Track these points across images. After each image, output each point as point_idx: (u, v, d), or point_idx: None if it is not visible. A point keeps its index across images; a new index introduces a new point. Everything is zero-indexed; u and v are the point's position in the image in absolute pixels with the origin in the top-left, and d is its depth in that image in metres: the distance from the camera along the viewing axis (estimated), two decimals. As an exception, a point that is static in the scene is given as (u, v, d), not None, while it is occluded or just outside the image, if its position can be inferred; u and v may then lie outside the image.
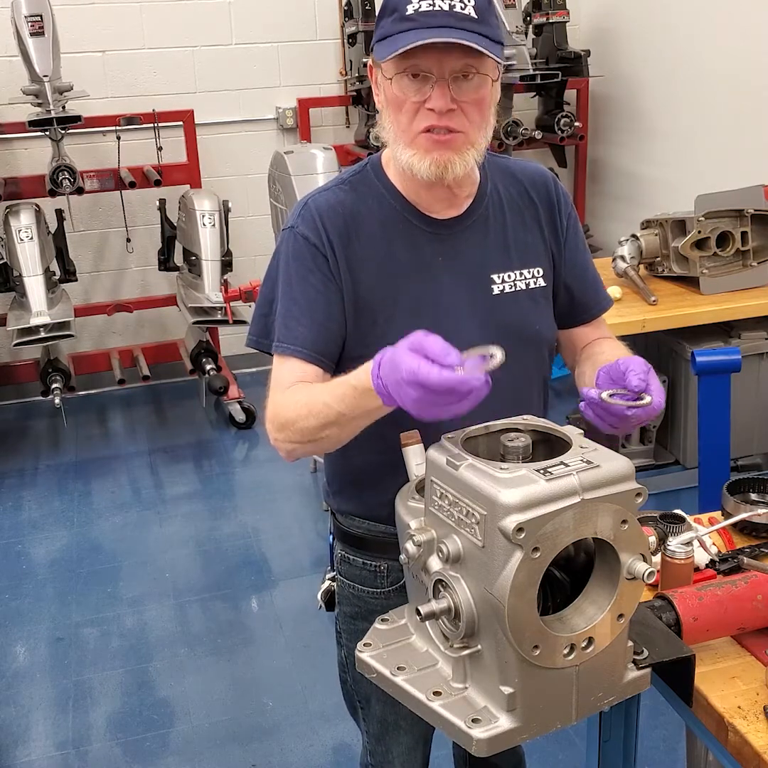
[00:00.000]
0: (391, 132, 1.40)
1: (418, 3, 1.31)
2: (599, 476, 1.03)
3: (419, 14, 1.31)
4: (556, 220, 1.55)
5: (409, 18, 1.31)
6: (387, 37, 1.34)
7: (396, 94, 1.35)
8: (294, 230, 1.48)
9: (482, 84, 1.35)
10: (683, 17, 4.40)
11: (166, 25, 4.70)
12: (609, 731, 1.60)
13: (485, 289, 1.48)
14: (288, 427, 1.45)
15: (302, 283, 1.46)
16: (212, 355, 4.50)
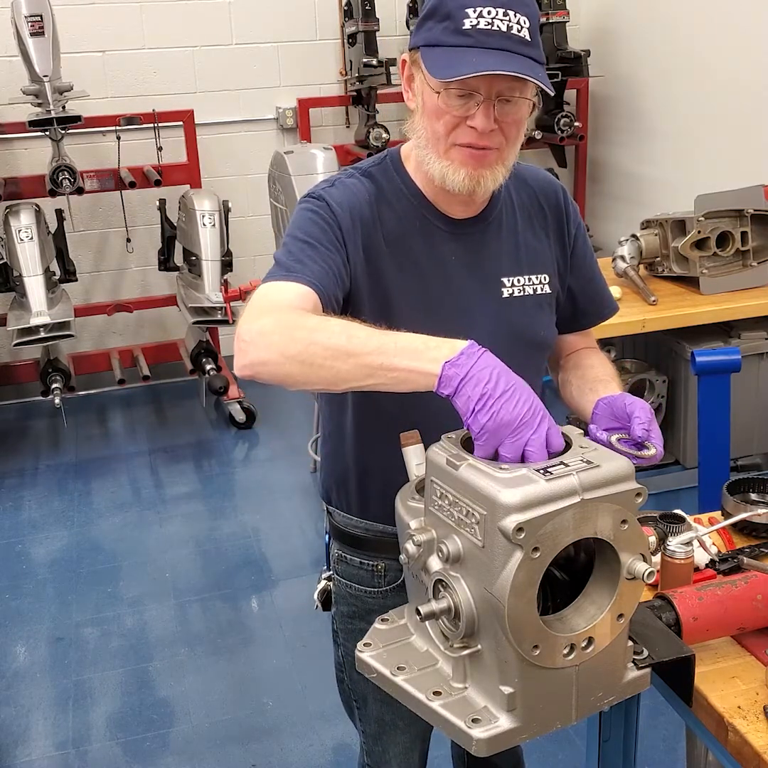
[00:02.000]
0: (423, 138, 1.39)
1: (476, 18, 1.28)
2: (599, 476, 1.03)
3: (477, 31, 1.28)
4: (564, 228, 1.57)
5: (466, 33, 1.28)
6: (438, 45, 1.31)
7: (439, 105, 1.34)
8: (313, 195, 1.43)
9: (523, 106, 1.36)
10: (683, 17, 4.41)
11: (166, 25, 4.70)
12: (609, 731, 1.60)
13: (496, 291, 1.49)
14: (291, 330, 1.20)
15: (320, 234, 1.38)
16: (212, 355, 4.50)
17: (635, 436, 1.34)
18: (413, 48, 1.37)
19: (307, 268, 1.33)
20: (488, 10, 1.27)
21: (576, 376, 1.60)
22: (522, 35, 1.29)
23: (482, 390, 1.08)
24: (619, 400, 1.40)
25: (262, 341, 1.20)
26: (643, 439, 1.33)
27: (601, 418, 1.41)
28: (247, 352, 1.21)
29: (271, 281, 1.32)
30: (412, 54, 1.38)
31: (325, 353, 1.17)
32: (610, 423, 1.40)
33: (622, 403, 1.38)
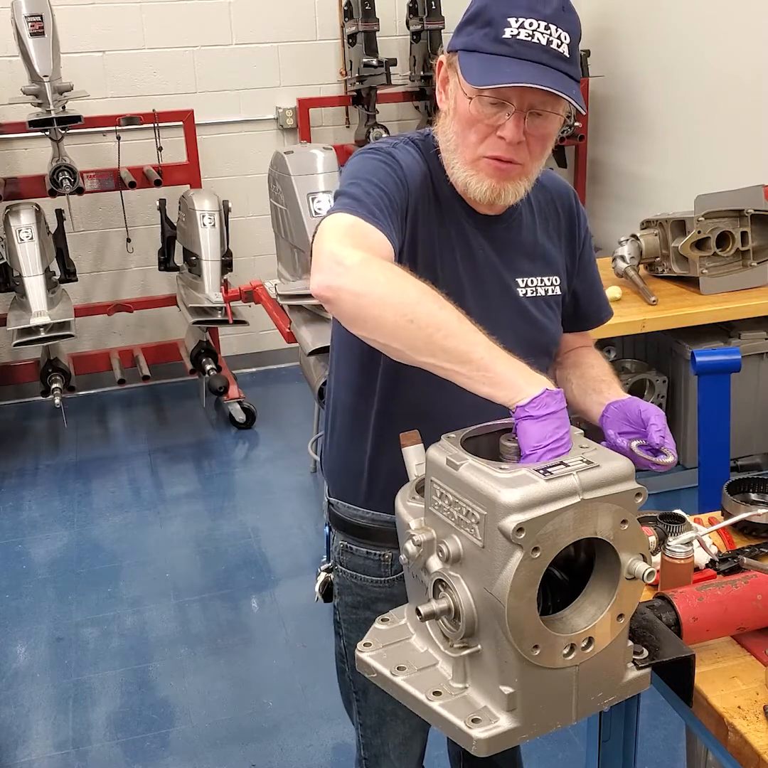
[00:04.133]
0: (452, 142, 1.40)
1: (517, 29, 1.28)
2: (599, 476, 1.03)
3: (516, 41, 1.28)
4: (575, 233, 1.61)
5: (505, 42, 1.29)
6: (476, 51, 1.32)
7: (471, 113, 1.34)
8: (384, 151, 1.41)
9: (554, 121, 1.37)
10: (683, 17, 4.41)
11: (166, 25, 4.70)
12: (609, 731, 1.60)
13: (513, 290, 1.51)
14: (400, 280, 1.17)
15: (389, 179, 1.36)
16: (212, 355, 4.50)
17: (652, 442, 1.39)
18: (451, 51, 1.38)
19: (386, 219, 1.30)
20: (530, 22, 1.28)
21: (576, 375, 1.63)
22: (561, 50, 1.30)
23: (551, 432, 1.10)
24: (633, 406, 1.44)
25: (365, 273, 1.16)
26: (660, 445, 1.38)
27: (612, 421, 1.46)
28: (339, 275, 1.16)
29: (352, 214, 1.26)
30: (450, 57, 1.39)
31: (430, 320, 1.14)
32: (623, 427, 1.44)
33: (637, 409, 1.43)
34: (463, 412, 1.20)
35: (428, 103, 4.91)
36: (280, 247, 3.61)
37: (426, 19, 4.72)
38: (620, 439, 1.42)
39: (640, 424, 1.42)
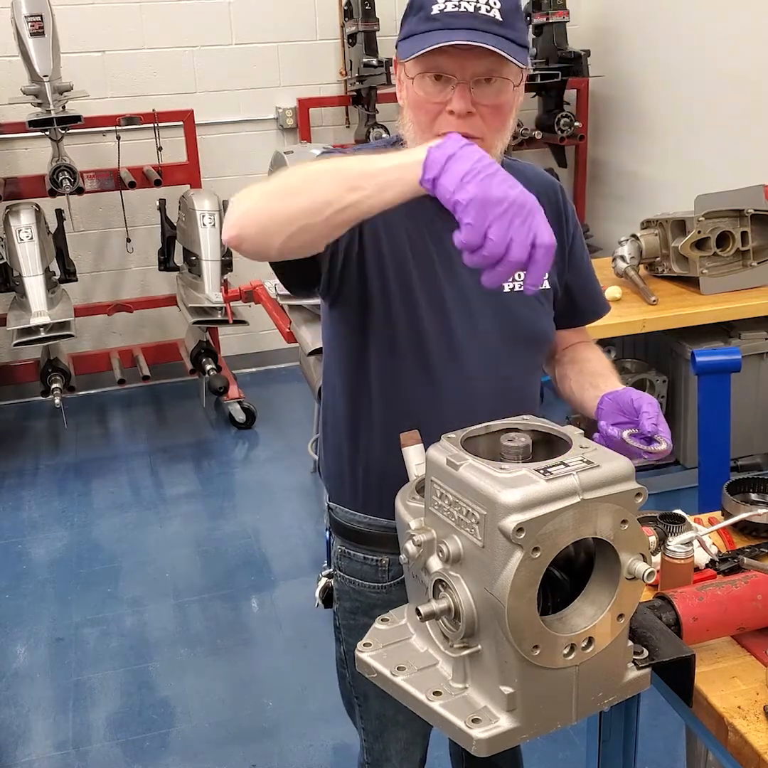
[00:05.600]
0: (410, 130, 1.39)
1: (443, 3, 1.30)
2: (599, 476, 1.03)
3: (444, 14, 1.30)
4: (563, 226, 1.58)
5: (434, 18, 1.30)
6: (411, 35, 1.34)
7: (417, 93, 1.35)
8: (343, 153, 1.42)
9: (503, 89, 1.35)
10: (683, 17, 4.41)
11: (166, 25, 4.70)
12: (609, 731, 1.60)
13: None
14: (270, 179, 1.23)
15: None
16: (212, 355, 4.50)
17: (645, 430, 1.37)
18: (396, 45, 1.39)
19: None
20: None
21: (574, 371, 1.62)
22: (492, 15, 1.30)
23: (471, 165, 1.05)
24: (626, 395, 1.42)
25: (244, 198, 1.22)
26: (653, 433, 1.36)
27: (607, 413, 1.44)
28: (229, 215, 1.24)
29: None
30: (397, 52, 1.40)
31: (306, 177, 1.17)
32: (617, 418, 1.43)
33: (629, 398, 1.41)
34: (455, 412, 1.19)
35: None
36: (280, 247, 3.61)
37: (426, 19, 4.72)
38: (611, 429, 1.41)
39: (633, 414, 1.41)
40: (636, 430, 1.39)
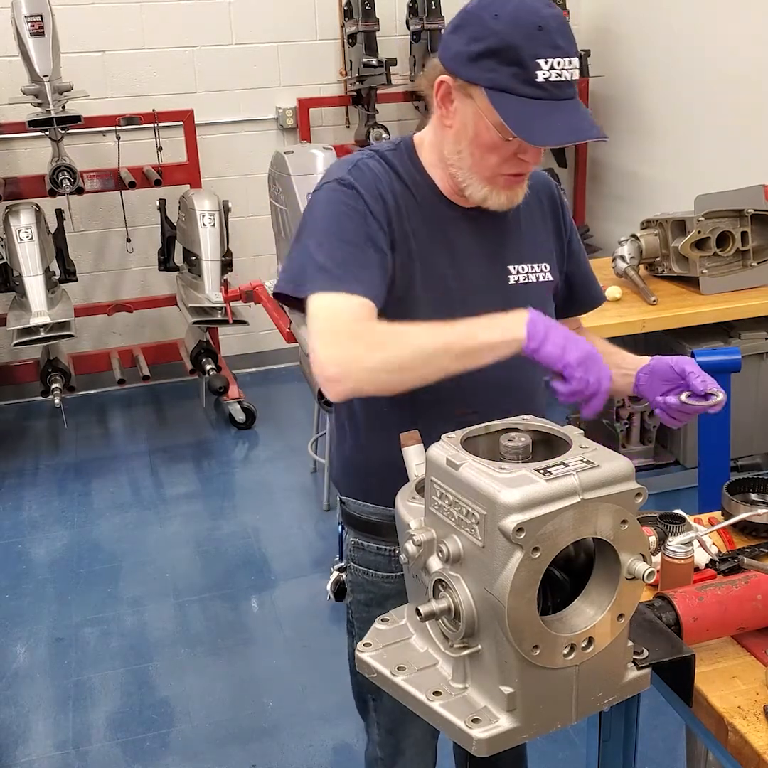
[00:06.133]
0: (464, 161, 1.43)
1: (548, 70, 1.32)
2: (599, 476, 1.03)
3: (549, 84, 1.33)
4: (560, 221, 1.63)
5: (539, 86, 1.32)
6: (507, 92, 1.33)
7: (495, 139, 1.39)
8: (342, 182, 1.45)
9: None
10: (683, 17, 4.40)
11: (166, 25, 4.70)
12: (609, 731, 1.60)
13: (503, 278, 1.55)
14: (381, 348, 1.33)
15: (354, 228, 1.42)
16: (212, 355, 4.50)
17: (697, 390, 1.51)
18: (470, 81, 1.37)
19: (357, 277, 1.39)
20: (558, 62, 1.33)
21: None
22: (576, 75, 1.37)
23: (562, 335, 1.31)
24: (662, 364, 1.58)
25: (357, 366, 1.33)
26: (704, 390, 1.51)
27: (649, 387, 1.58)
28: (342, 380, 1.34)
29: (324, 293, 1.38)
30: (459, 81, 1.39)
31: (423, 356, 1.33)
32: (662, 387, 1.56)
33: (667, 366, 1.56)
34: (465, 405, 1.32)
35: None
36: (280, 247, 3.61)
37: (426, 19, 4.72)
38: (669, 398, 1.54)
39: (676, 378, 1.54)
40: (689, 392, 1.52)
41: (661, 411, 1.58)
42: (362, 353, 1.33)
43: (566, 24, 1.36)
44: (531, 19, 1.32)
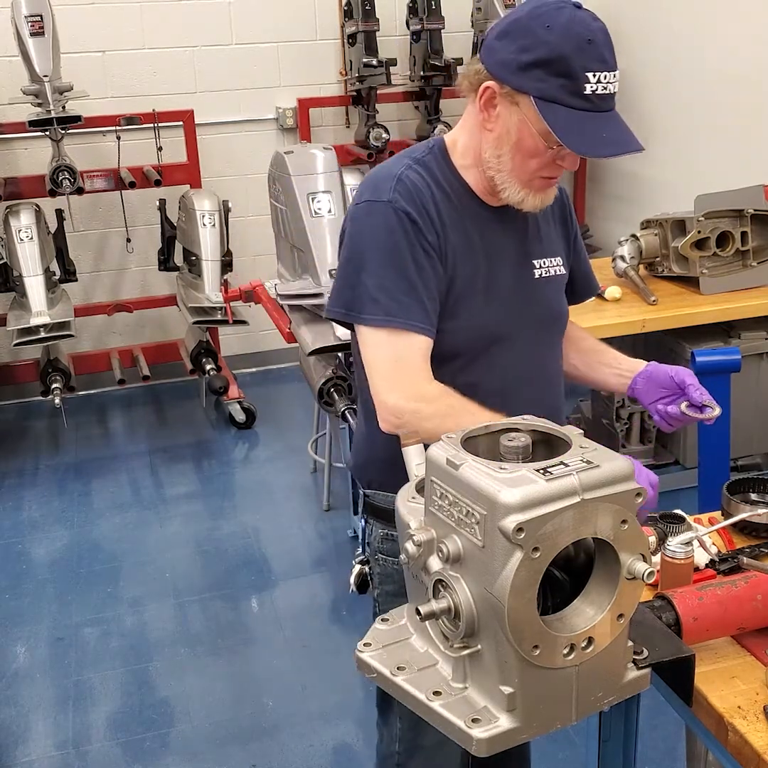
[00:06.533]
0: (506, 164, 1.48)
1: (595, 83, 1.37)
2: (599, 476, 1.03)
3: (596, 96, 1.38)
4: (567, 218, 1.72)
5: (586, 98, 1.38)
6: (555, 102, 1.38)
7: (538, 146, 1.44)
8: (393, 205, 1.50)
9: None
10: (683, 17, 4.40)
11: (166, 25, 4.70)
12: (609, 731, 1.60)
13: (528, 273, 1.62)
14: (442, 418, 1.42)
15: (408, 257, 1.49)
16: (212, 355, 4.50)
17: (696, 401, 1.60)
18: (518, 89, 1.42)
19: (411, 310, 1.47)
20: (604, 75, 1.38)
21: (572, 350, 1.80)
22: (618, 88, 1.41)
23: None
24: (661, 373, 1.67)
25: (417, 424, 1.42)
26: (701, 402, 1.60)
27: (646, 392, 1.68)
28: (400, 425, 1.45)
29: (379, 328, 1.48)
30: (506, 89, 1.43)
31: None
32: (659, 393, 1.66)
33: (666, 375, 1.66)
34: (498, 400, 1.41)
35: (428, 104, 4.91)
36: (280, 247, 3.60)
37: (426, 19, 4.71)
38: (670, 407, 1.63)
39: (674, 387, 1.63)
40: (688, 402, 1.61)
41: (660, 417, 1.67)
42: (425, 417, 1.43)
43: (610, 37, 1.40)
44: (581, 32, 1.36)
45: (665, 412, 1.64)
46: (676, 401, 1.64)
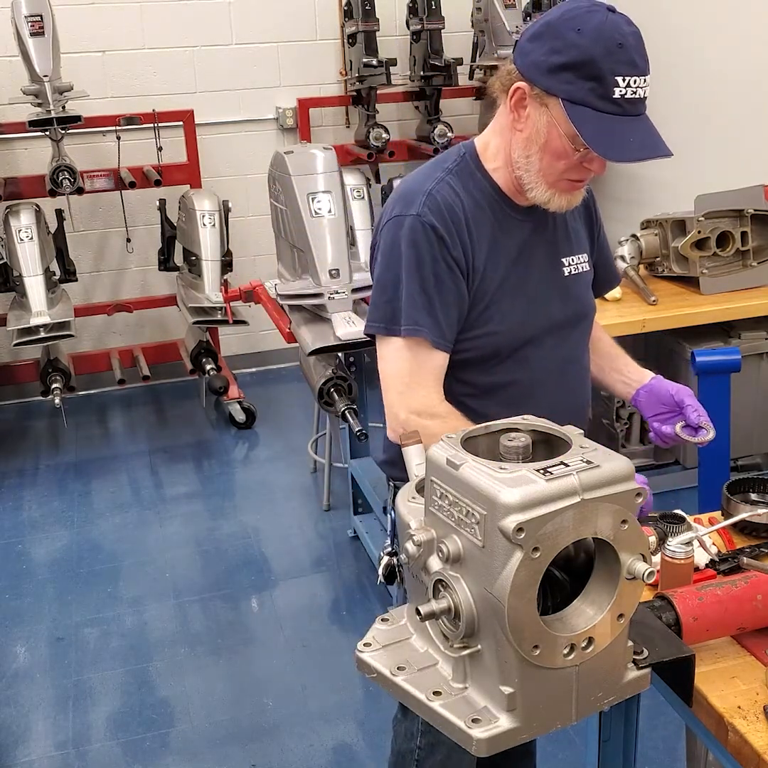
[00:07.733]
0: (535, 165, 1.51)
1: (624, 88, 1.39)
2: (599, 476, 1.03)
3: (625, 101, 1.39)
4: (592, 216, 1.77)
5: (615, 102, 1.39)
6: (583, 105, 1.40)
7: (567, 148, 1.45)
8: (421, 219, 1.54)
9: None
10: (683, 17, 4.40)
11: (166, 25, 4.70)
12: (609, 731, 1.60)
13: (558, 270, 1.66)
14: None
15: (434, 272, 1.53)
16: (212, 355, 4.50)
17: (692, 422, 1.62)
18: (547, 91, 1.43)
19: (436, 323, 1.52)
20: (634, 80, 1.40)
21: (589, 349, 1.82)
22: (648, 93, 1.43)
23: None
24: (663, 389, 1.69)
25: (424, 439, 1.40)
26: (698, 424, 1.62)
27: (646, 405, 1.70)
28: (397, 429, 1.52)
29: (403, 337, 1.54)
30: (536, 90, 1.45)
31: None
32: (658, 408, 1.68)
33: (667, 392, 1.68)
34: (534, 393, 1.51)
35: (428, 104, 4.90)
36: (280, 247, 3.60)
37: (426, 19, 4.71)
38: (665, 427, 1.66)
39: (674, 405, 1.65)
40: (684, 423, 1.63)
41: (655, 437, 1.72)
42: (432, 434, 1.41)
43: (643, 42, 1.43)
44: (612, 36, 1.39)
45: (660, 431, 1.68)
46: (673, 419, 1.67)
